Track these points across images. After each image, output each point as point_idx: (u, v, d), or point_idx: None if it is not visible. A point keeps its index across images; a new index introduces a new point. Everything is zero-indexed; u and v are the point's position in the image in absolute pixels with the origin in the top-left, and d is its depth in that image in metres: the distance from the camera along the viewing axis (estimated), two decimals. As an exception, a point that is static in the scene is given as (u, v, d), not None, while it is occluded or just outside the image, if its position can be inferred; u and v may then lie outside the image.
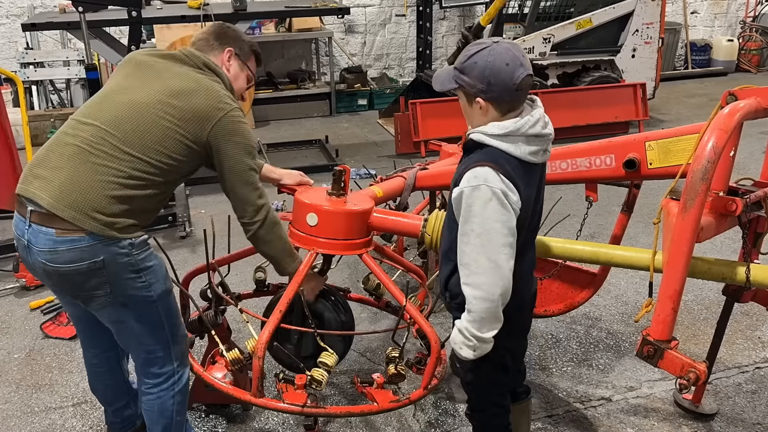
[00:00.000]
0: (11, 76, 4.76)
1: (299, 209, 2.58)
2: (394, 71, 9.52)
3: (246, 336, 2.64)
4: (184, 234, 4.89)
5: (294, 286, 2.47)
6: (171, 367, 2.39)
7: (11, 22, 7.86)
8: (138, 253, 2.13)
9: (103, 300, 2.15)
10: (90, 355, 2.59)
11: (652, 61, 7.74)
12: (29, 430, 2.96)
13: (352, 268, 4.30)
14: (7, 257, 4.45)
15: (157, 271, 2.22)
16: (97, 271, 2.07)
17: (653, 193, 4.49)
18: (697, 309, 3.84)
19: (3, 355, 3.52)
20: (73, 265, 2.05)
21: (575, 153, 2.54)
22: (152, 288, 2.20)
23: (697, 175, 2.00)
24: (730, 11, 10.88)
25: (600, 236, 4.70)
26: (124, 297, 2.16)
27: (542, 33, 7.28)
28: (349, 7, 6.71)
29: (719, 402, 3.05)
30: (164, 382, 2.39)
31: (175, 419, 2.46)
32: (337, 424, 2.92)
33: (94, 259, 2.05)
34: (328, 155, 6.79)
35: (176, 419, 2.46)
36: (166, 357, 2.36)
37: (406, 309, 2.48)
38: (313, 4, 6.25)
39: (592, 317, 3.78)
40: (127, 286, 2.14)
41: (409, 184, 3.05)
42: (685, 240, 2.03)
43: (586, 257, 2.48)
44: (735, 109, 2.11)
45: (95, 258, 2.05)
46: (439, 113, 6.84)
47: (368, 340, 3.55)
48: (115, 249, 2.07)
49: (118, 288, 2.13)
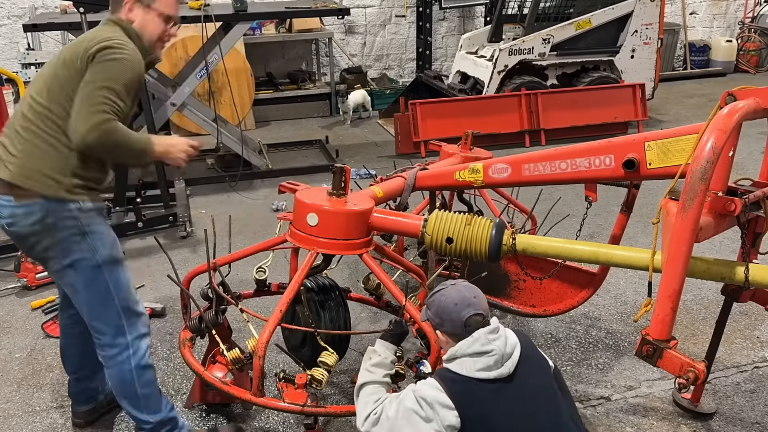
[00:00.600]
0: (13, 77, 4.78)
1: (300, 209, 2.59)
2: (394, 72, 9.53)
3: (246, 335, 2.65)
4: (185, 234, 4.90)
5: (295, 286, 2.49)
6: (124, 339, 2.47)
7: (12, 23, 7.88)
8: (85, 217, 2.33)
9: (54, 262, 2.37)
10: (65, 316, 2.73)
11: (651, 62, 7.76)
12: (31, 429, 2.97)
13: (352, 267, 4.31)
14: (9, 257, 4.46)
15: (104, 237, 2.39)
16: (47, 233, 2.30)
17: (652, 193, 4.51)
18: (696, 308, 3.85)
19: (4, 354, 3.53)
20: (27, 227, 2.29)
21: (574, 153, 2.55)
22: (98, 253, 2.37)
23: (696, 176, 2.01)
24: (728, 12, 10.89)
25: (599, 236, 4.71)
26: (71, 260, 2.35)
27: (542, 34, 7.30)
28: (349, 7, 6.72)
29: (718, 401, 3.06)
30: (118, 354, 2.47)
31: (140, 392, 2.51)
32: (338, 423, 2.93)
33: (45, 221, 2.28)
34: (328, 155, 6.80)
35: (141, 392, 2.51)
36: (118, 329, 2.45)
37: (406, 309, 2.49)
38: (314, 5, 6.26)
39: (591, 317, 3.80)
40: (73, 248, 2.34)
41: (409, 184, 3.06)
42: (684, 240, 2.04)
43: (586, 257, 2.49)
44: (734, 109, 2.12)
45: (46, 220, 2.28)
46: (439, 114, 6.86)
47: (368, 339, 3.55)
48: (63, 211, 2.29)
49: (65, 250, 2.34)
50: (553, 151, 2.61)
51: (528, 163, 2.65)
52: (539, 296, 3.21)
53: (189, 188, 5.40)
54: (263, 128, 8.17)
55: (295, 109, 8.55)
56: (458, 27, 9.54)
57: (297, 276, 2.55)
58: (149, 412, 2.55)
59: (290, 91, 8.50)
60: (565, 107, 7.23)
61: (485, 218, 2.52)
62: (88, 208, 2.34)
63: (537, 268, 3.11)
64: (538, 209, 3.63)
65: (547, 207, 3.73)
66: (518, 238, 2.46)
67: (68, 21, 5.51)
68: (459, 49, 8.12)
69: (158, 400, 2.59)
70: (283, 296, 2.50)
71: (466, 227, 2.47)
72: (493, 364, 1.99)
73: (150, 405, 2.55)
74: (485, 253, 2.46)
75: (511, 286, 3.33)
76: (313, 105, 8.63)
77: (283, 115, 8.50)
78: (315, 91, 8.61)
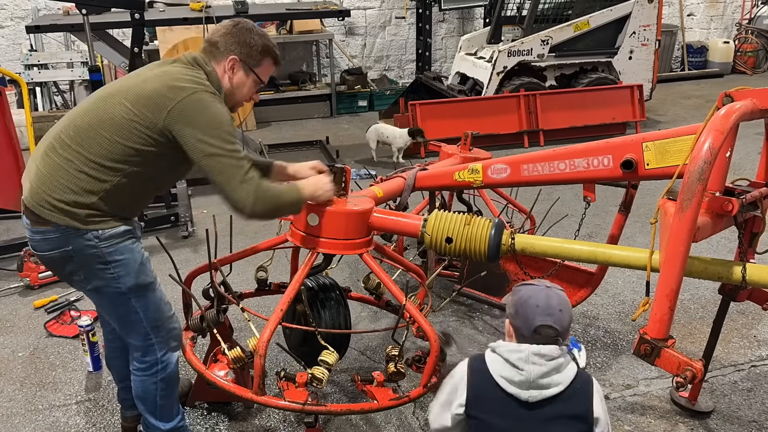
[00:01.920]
0: (15, 78, 4.79)
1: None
2: (394, 73, 9.56)
3: (248, 334, 2.67)
4: (187, 234, 4.92)
5: (295, 285, 2.51)
6: (154, 357, 2.45)
7: (15, 25, 7.89)
8: (105, 246, 2.20)
9: (80, 286, 2.33)
10: (106, 331, 2.70)
11: (649, 63, 7.78)
12: (33, 427, 2.99)
13: (353, 267, 4.33)
14: (11, 256, 4.48)
15: (127, 265, 2.25)
16: (69, 259, 2.21)
17: (650, 193, 4.53)
18: (694, 308, 3.87)
19: (7, 353, 3.55)
20: (46, 252, 2.22)
21: (573, 154, 2.57)
22: (121, 281, 2.26)
23: (693, 176, 2.02)
24: (726, 13, 10.92)
25: (598, 236, 4.73)
26: (95, 286, 2.28)
27: (540, 35, 7.32)
28: (349, 9, 6.75)
29: (715, 400, 3.08)
30: (147, 369, 2.47)
31: (159, 403, 2.53)
32: (338, 421, 2.95)
33: (64, 248, 2.19)
34: (329, 156, 6.82)
35: (159, 403, 2.53)
36: (147, 347, 2.43)
37: (406, 308, 2.51)
38: (314, 7, 6.29)
39: (589, 316, 3.82)
40: (96, 275, 2.25)
41: (409, 184, 3.08)
42: (681, 240, 2.06)
43: (584, 257, 2.51)
44: (731, 110, 2.14)
45: (65, 247, 2.19)
46: (439, 114, 6.88)
47: (368, 338, 3.58)
48: (82, 240, 2.18)
49: (89, 276, 2.25)
50: (551, 152, 2.63)
51: (527, 164, 2.67)
52: (538, 296, 3.22)
53: (191, 188, 5.41)
54: (264, 129, 8.19)
55: (296, 109, 8.57)
56: (458, 28, 9.56)
57: (298, 275, 2.57)
58: (162, 420, 2.57)
59: (291, 92, 8.52)
60: (563, 108, 7.25)
61: (484, 218, 2.53)
62: (108, 236, 2.19)
63: (536, 268, 3.13)
64: (536, 209, 3.65)
65: (545, 207, 3.74)
66: (517, 237, 2.48)
67: (71, 23, 5.54)
68: (458, 50, 8.13)
69: (172, 409, 2.60)
70: (283, 296, 2.52)
71: (465, 227, 2.49)
72: (516, 382, 1.89)
73: (164, 414, 2.56)
74: (484, 252, 2.47)
75: (510, 286, 3.35)
76: (313, 106, 8.64)
77: (283, 116, 8.51)
78: (315, 92, 8.62)
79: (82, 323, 3.26)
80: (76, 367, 3.40)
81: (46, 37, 7.85)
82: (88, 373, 3.34)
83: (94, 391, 3.22)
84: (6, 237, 4.93)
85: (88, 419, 3.03)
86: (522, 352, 1.90)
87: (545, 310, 1.92)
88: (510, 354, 1.91)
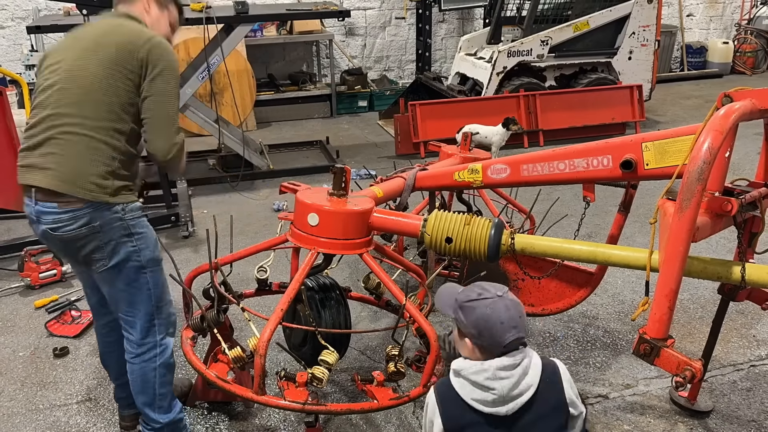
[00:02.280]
0: (16, 78, 4.80)
1: (300, 209, 2.61)
2: (394, 73, 9.56)
3: (248, 334, 2.68)
4: (187, 234, 4.92)
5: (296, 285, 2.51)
6: (154, 339, 2.54)
7: (16, 25, 7.90)
8: (130, 218, 2.39)
9: (100, 264, 2.39)
10: (101, 326, 2.76)
11: (649, 63, 7.79)
12: (34, 427, 3.00)
13: (353, 267, 4.33)
14: (12, 256, 4.48)
15: (147, 238, 2.45)
16: (95, 235, 2.33)
17: (650, 193, 4.54)
18: (693, 308, 3.88)
19: (8, 353, 3.55)
20: (73, 231, 2.31)
21: (573, 154, 2.57)
22: (141, 254, 2.43)
23: (693, 176, 2.03)
24: (725, 14, 10.93)
25: (597, 236, 4.74)
26: (117, 260, 2.39)
27: (540, 35, 7.33)
28: (349, 9, 6.75)
29: (715, 399, 3.08)
30: (146, 352, 2.53)
31: (158, 392, 2.57)
32: (338, 421, 2.96)
33: (92, 224, 2.31)
34: (329, 156, 6.83)
35: (159, 392, 2.57)
36: (149, 328, 2.51)
37: (406, 308, 2.51)
38: (314, 7, 6.29)
39: (589, 316, 3.82)
40: (120, 248, 2.38)
41: (409, 184, 3.09)
42: (681, 240, 2.06)
43: (584, 257, 2.51)
44: (730, 110, 2.14)
45: (93, 223, 2.31)
46: (439, 115, 6.89)
47: (368, 338, 3.59)
48: (109, 213, 2.33)
49: (112, 251, 2.37)
50: (551, 152, 2.63)
51: (526, 164, 2.68)
52: (538, 295, 3.24)
53: (191, 188, 5.42)
54: (264, 129, 8.20)
55: (296, 110, 8.58)
56: (457, 29, 9.57)
57: (298, 275, 2.57)
58: (161, 412, 2.59)
59: (291, 93, 8.52)
60: (563, 108, 7.26)
61: (484, 218, 2.54)
62: (132, 209, 2.40)
63: (535, 268, 3.13)
64: (536, 209, 3.65)
65: (545, 207, 3.75)
66: (517, 237, 2.48)
67: (71, 23, 5.51)
68: (458, 50, 8.14)
69: (171, 401, 2.63)
70: (284, 295, 2.52)
71: (465, 227, 2.49)
72: (490, 401, 1.86)
73: (163, 405, 2.60)
74: (484, 252, 2.48)
75: (510, 286, 3.35)
76: (313, 106, 8.65)
77: (284, 116, 8.52)
78: (316, 93, 8.63)
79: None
80: (77, 367, 3.41)
81: (47, 37, 7.84)
82: (89, 373, 3.34)
83: (94, 391, 3.23)
84: (6, 237, 4.94)
85: (89, 419, 3.04)
86: (487, 371, 1.87)
87: (510, 324, 1.90)
88: (476, 376, 1.88)
